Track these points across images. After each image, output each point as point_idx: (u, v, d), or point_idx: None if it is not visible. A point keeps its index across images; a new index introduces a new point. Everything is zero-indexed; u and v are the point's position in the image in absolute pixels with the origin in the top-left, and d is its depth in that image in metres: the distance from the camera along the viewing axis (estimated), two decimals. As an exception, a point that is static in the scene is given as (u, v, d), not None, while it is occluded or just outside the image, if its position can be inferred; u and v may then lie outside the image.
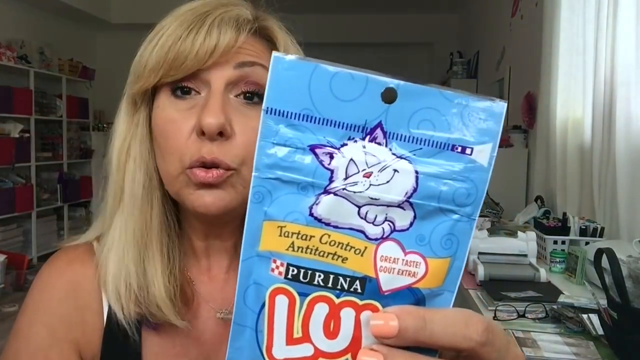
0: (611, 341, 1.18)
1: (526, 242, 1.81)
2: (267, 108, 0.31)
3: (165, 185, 0.56)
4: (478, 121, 0.31)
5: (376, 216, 0.31)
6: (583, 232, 1.97)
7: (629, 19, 1.86)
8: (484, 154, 0.31)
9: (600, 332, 1.23)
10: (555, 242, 1.99)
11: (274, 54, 0.30)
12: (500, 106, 0.31)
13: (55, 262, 0.61)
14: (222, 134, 0.51)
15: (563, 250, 1.96)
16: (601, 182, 2.04)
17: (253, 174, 0.31)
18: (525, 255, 1.80)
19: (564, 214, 2.07)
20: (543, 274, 1.69)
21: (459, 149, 0.30)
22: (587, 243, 1.92)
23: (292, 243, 0.31)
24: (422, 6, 6.26)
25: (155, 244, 0.56)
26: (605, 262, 1.16)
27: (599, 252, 1.21)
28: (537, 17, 2.98)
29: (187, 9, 0.54)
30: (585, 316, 1.30)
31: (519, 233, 1.86)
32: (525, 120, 3.18)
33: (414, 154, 0.30)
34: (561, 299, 1.46)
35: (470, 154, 0.31)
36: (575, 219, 2.03)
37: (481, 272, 1.69)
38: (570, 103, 2.50)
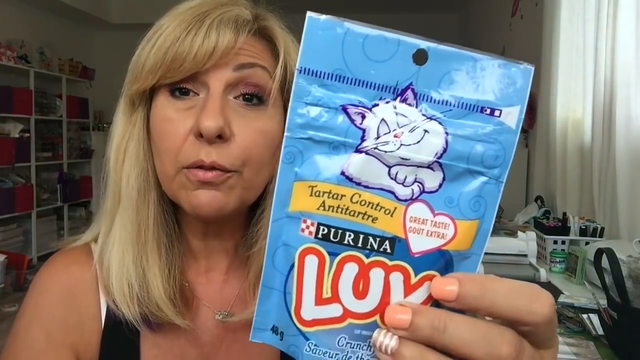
0: (611, 341, 1.18)
1: (526, 242, 1.81)
2: (301, 68, 0.31)
3: (162, 186, 0.56)
4: (507, 84, 0.31)
5: (406, 177, 0.31)
6: (583, 232, 1.97)
7: (629, 19, 1.86)
8: (512, 116, 0.31)
9: (600, 332, 1.23)
10: (555, 242, 1.99)
11: (308, 13, 0.31)
12: (528, 69, 0.32)
13: (53, 264, 0.61)
14: (220, 137, 0.51)
15: (563, 250, 1.96)
16: (601, 182, 2.04)
17: (285, 134, 0.31)
18: (525, 255, 1.80)
19: (564, 214, 2.07)
20: (543, 274, 1.69)
21: (488, 111, 0.31)
22: (587, 243, 1.92)
23: (323, 202, 0.31)
24: (422, 6, 6.26)
25: (152, 243, 0.56)
26: (605, 262, 1.16)
27: (599, 252, 1.21)
28: (537, 17, 2.98)
29: (185, 8, 0.53)
30: (585, 316, 1.30)
31: (519, 233, 1.86)
32: (525, 120, 3.17)
33: (444, 115, 0.30)
34: (561, 299, 1.46)
35: (499, 116, 0.31)
36: (575, 219, 2.03)
37: (481, 272, 1.69)
38: (570, 103, 2.50)
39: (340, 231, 0.31)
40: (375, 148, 0.30)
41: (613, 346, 1.17)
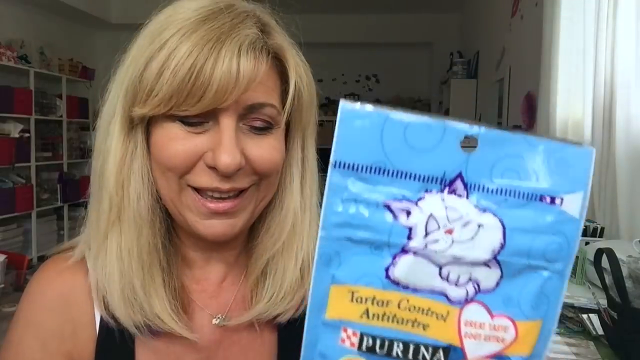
0: (611, 341, 1.18)
1: (526, 242, 1.81)
2: (335, 162, 0.28)
3: (164, 202, 0.55)
4: (566, 168, 0.29)
5: (459, 277, 0.28)
6: (583, 232, 1.97)
7: (629, 19, 1.86)
8: (574, 204, 0.29)
9: (600, 332, 1.22)
10: (555, 242, 1.99)
11: (342, 103, 0.28)
12: (588, 152, 0.29)
13: (45, 272, 0.60)
14: (237, 169, 0.50)
15: (563, 250, 1.96)
16: (601, 182, 2.04)
17: (319, 234, 0.28)
18: (525, 255, 1.80)
19: (564, 214, 2.07)
20: (543, 274, 1.69)
21: (548, 200, 0.28)
22: (587, 243, 1.92)
23: (366, 310, 0.28)
24: (422, 6, 6.26)
25: (156, 260, 0.55)
26: (605, 262, 1.16)
27: (599, 252, 1.21)
28: (537, 17, 2.98)
29: (193, 22, 0.50)
30: (585, 316, 1.30)
31: (519, 233, 1.86)
32: (525, 120, 3.17)
33: (499, 206, 0.28)
34: (561, 299, 1.46)
35: (560, 204, 0.28)
36: (575, 219, 2.03)
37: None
38: (570, 103, 2.50)
39: (387, 342, 0.28)
40: (425, 247, 0.27)
41: (613, 346, 1.17)
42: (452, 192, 0.28)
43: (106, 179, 0.54)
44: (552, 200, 0.28)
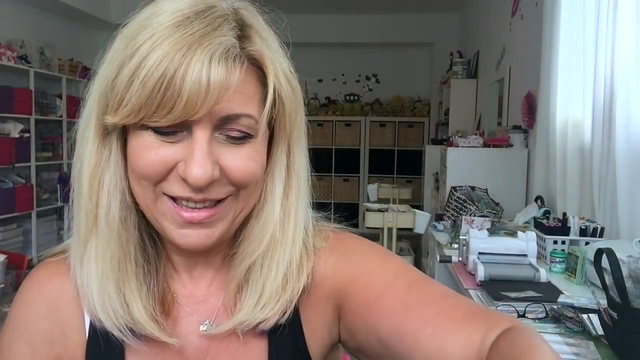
0: (611, 341, 1.18)
1: (526, 242, 1.81)
2: None
3: (141, 208, 0.55)
4: None
5: None
6: (583, 232, 1.97)
7: (629, 19, 1.86)
8: None
9: (600, 332, 1.23)
10: (555, 242, 1.99)
11: None
12: None
13: (35, 277, 0.60)
14: (209, 183, 0.50)
15: (563, 250, 1.96)
16: (601, 182, 2.04)
17: None
18: (525, 255, 1.80)
19: (564, 214, 2.07)
20: (543, 274, 1.69)
21: None
22: (587, 243, 1.92)
23: None
24: (422, 6, 6.26)
25: (131, 268, 0.55)
26: (605, 262, 1.16)
27: (599, 252, 1.21)
28: (537, 17, 2.98)
29: (166, 26, 0.48)
30: (585, 316, 1.30)
31: (519, 233, 1.86)
32: (525, 120, 3.17)
33: None
34: (561, 299, 1.46)
35: None
36: (575, 219, 2.03)
37: (481, 272, 1.69)
38: (570, 103, 2.50)
39: None
40: None
41: (613, 346, 1.17)
42: None
43: (81, 186, 0.54)
44: None
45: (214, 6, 0.50)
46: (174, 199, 0.52)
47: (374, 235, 4.80)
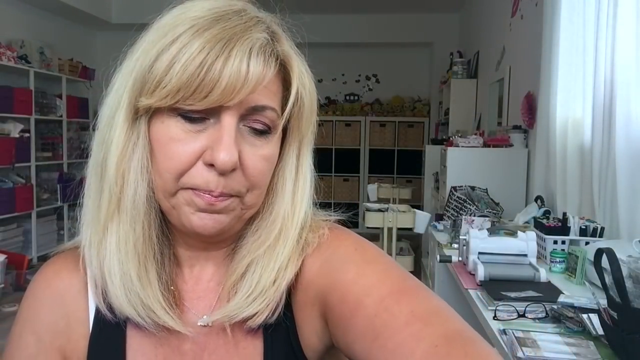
0: (611, 341, 1.18)
1: (526, 242, 1.81)
2: None
3: (157, 198, 0.56)
4: None
5: None
6: (583, 232, 1.97)
7: (629, 19, 1.86)
8: None
9: (600, 332, 1.23)
10: (555, 242, 1.99)
11: None
12: None
13: (45, 271, 0.63)
14: (232, 169, 0.52)
15: (563, 250, 1.96)
16: (601, 182, 2.04)
17: None
18: (525, 255, 1.80)
19: (564, 214, 2.07)
20: (543, 274, 1.69)
21: None
22: (587, 243, 1.92)
23: None
24: (422, 6, 6.26)
25: (151, 253, 0.57)
26: (605, 262, 1.16)
27: (599, 252, 1.21)
28: (537, 17, 2.98)
29: (206, 21, 0.51)
30: (585, 316, 1.30)
31: (519, 233, 1.86)
32: (525, 120, 3.17)
33: None
34: (561, 299, 1.46)
35: None
36: (575, 219, 2.03)
37: (481, 272, 1.69)
38: (570, 103, 2.50)
39: None
40: None
41: (613, 346, 1.17)
42: None
43: (107, 169, 0.55)
44: None
45: (246, 9, 0.54)
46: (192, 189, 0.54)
47: (374, 235, 4.80)
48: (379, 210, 3.48)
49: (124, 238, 0.55)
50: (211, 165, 0.51)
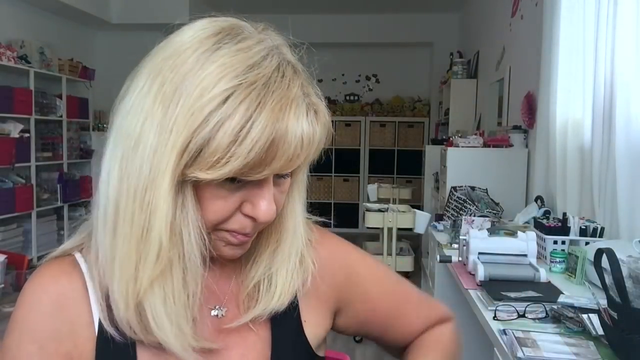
0: (611, 341, 1.18)
1: (526, 242, 1.81)
2: None
3: None
4: None
5: None
6: (583, 232, 1.97)
7: (629, 19, 1.86)
8: None
9: (600, 332, 1.22)
10: (555, 242, 1.99)
11: None
12: None
13: (39, 278, 0.61)
14: None
15: (563, 250, 1.96)
16: (601, 182, 2.04)
17: None
18: (525, 255, 1.80)
19: (564, 214, 2.07)
20: (543, 274, 1.69)
21: None
22: (587, 243, 1.92)
23: None
24: (422, 6, 6.26)
25: (196, 299, 0.59)
26: (605, 262, 1.16)
27: (599, 252, 1.21)
28: (537, 17, 2.98)
29: (257, 86, 0.50)
30: (585, 316, 1.30)
31: (519, 233, 1.86)
32: (525, 120, 3.17)
33: None
34: (561, 299, 1.46)
35: None
36: (575, 219, 2.03)
37: (481, 272, 1.69)
38: (570, 103, 2.50)
39: None
40: None
41: (613, 346, 1.17)
42: None
43: (153, 231, 0.52)
44: None
45: (277, 56, 0.54)
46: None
47: (374, 235, 4.80)
48: (379, 210, 3.48)
49: (172, 294, 0.55)
50: (251, 217, 0.55)
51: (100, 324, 0.58)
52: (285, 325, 0.64)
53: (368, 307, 0.73)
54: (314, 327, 0.67)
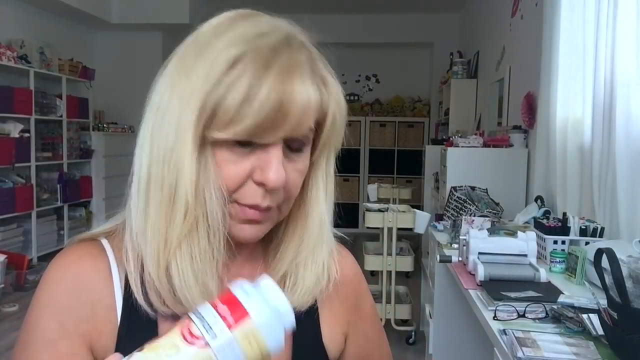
0: (611, 341, 1.18)
1: (526, 242, 1.80)
2: None
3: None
4: None
5: None
6: (583, 232, 1.97)
7: (629, 19, 1.86)
8: None
9: (600, 332, 1.22)
10: (555, 242, 1.99)
11: None
12: None
13: (65, 256, 0.62)
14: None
15: (563, 250, 1.96)
16: (601, 182, 2.04)
17: None
18: (525, 255, 1.80)
19: (564, 214, 2.07)
20: (543, 274, 1.69)
21: None
22: (587, 243, 1.92)
23: None
24: (422, 6, 6.26)
25: (220, 262, 0.59)
26: (605, 262, 1.16)
27: (599, 252, 1.21)
28: (537, 17, 2.98)
29: (266, 51, 0.54)
30: (585, 316, 1.30)
31: (519, 233, 1.86)
32: (525, 120, 3.18)
33: None
34: (561, 299, 1.46)
35: None
36: (575, 219, 2.03)
37: (481, 272, 1.69)
38: (570, 103, 2.50)
39: None
40: None
41: (613, 346, 1.17)
42: None
43: (179, 191, 0.56)
44: None
45: (288, 33, 0.58)
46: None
47: (374, 235, 4.80)
48: (379, 210, 3.48)
49: (199, 253, 0.57)
50: (261, 184, 0.55)
51: (124, 308, 0.59)
52: (304, 324, 0.64)
53: (367, 347, 0.74)
54: (330, 328, 0.68)
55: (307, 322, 0.65)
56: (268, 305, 0.45)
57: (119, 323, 0.59)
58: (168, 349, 0.43)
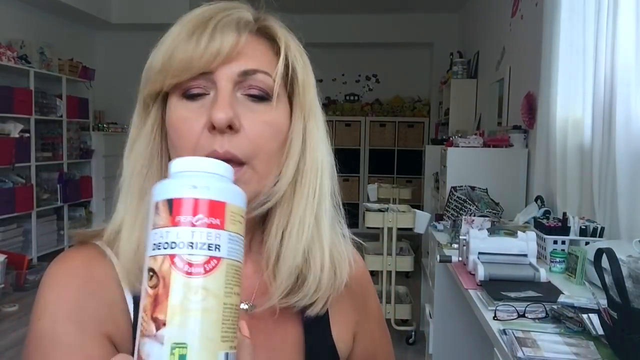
0: (611, 341, 1.18)
1: (526, 242, 1.80)
2: None
3: None
4: None
5: None
6: (583, 232, 1.97)
7: (629, 19, 1.86)
8: None
9: (600, 332, 1.22)
10: (555, 242, 1.99)
11: None
12: None
13: (69, 260, 0.59)
14: (231, 128, 0.54)
15: (563, 250, 1.96)
16: (601, 182, 2.04)
17: None
18: (525, 255, 1.80)
19: (564, 214, 2.07)
20: (543, 274, 1.69)
21: None
22: (587, 243, 1.92)
23: None
24: (422, 6, 6.26)
25: None
26: (605, 262, 1.16)
27: (599, 252, 1.21)
28: (537, 17, 2.98)
29: (192, 15, 0.57)
30: (585, 316, 1.30)
31: (519, 233, 1.86)
32: (525, 120, 3.17)
33: None
34: (561, 299, 1.46)
35: None
36: (575, 219, 2.03)
37: (481, 272, 1.69)
38: (570, 103, 2.50)
39: None
40: None
41: (613, 346, 1.17)
42: None
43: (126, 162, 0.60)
44: None
45: (241, 6, 0.60)
46: None
47: (374, 235, 4.80)
48: (379, 210, 3.48)
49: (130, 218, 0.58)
50: (213, 128, 0.54)
51: (135, 312, 0.56)
52: (316, 328, 0.64)
53: (374, 347, 0.73)
54: (340, 327, 0.67)
55: (317, 321, 0.63)
56: (212, 178, 0.40)
57: (132, 324, 0.56)
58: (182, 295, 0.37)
